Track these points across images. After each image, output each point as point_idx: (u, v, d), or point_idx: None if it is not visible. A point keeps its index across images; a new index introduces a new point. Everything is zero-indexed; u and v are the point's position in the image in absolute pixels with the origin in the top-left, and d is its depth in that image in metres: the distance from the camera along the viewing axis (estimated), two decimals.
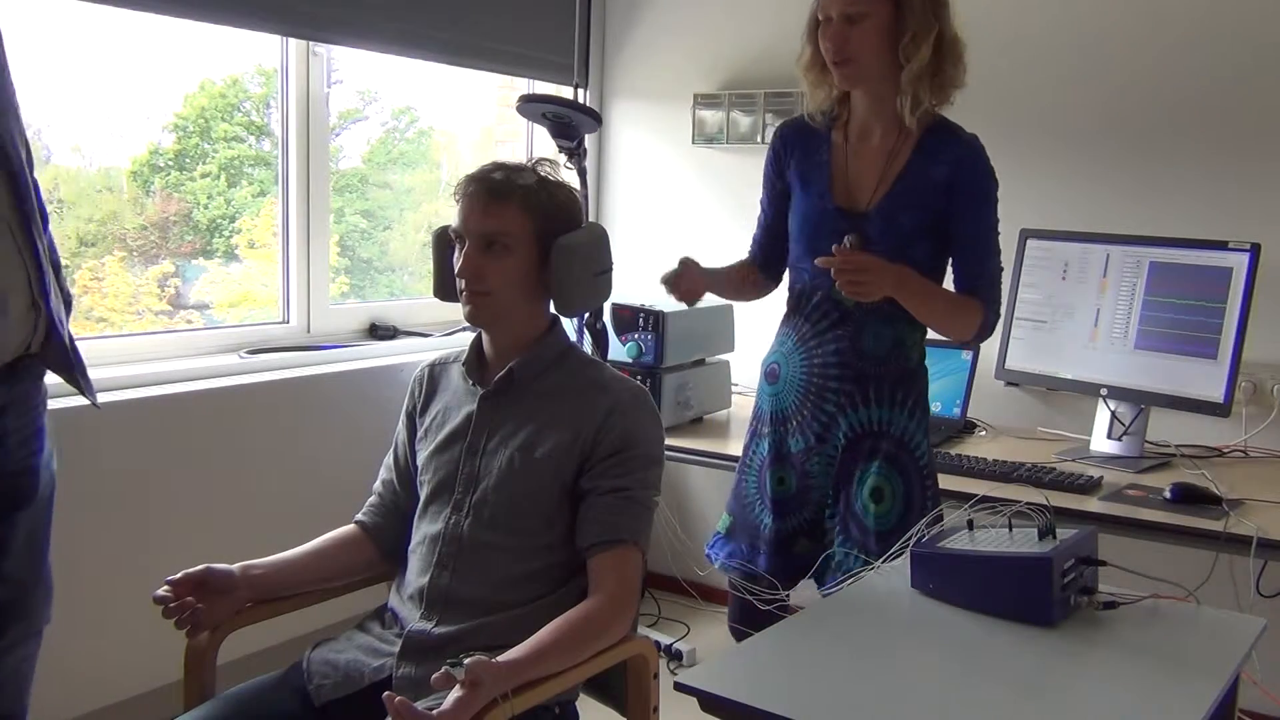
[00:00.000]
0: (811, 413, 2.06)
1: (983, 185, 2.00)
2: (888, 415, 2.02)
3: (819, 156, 2.06)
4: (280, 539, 1.79)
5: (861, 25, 1.92)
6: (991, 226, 2.03)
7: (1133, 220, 2.76)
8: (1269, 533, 2.01)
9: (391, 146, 3.40)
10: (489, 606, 1.61)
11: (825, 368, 2.04)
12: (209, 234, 2.87)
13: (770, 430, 2.11)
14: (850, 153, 2.04)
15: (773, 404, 2.12)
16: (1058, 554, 1.50)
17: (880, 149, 2.01)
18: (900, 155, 1.99)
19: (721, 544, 2.20)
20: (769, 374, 2.14)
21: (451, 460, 1.70)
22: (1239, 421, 2.65)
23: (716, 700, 1.31)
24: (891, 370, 2.02)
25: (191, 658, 1.62)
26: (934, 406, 2.83)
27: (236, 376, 2.61)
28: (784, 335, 2.12)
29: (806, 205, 2.06)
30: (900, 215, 1.97)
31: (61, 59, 2.41)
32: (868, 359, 2.01)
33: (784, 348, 2.11)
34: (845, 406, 2.03)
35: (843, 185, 2.03)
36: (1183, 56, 2.76)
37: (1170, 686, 1.35)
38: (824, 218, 2.02)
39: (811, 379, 2.05)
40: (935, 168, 1.97)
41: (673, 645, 3.16)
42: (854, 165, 2.03)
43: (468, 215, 1.64)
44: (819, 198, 2.04)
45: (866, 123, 2.04)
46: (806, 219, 2.06)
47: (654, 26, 3.49)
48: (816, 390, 2.05)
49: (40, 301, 1.60)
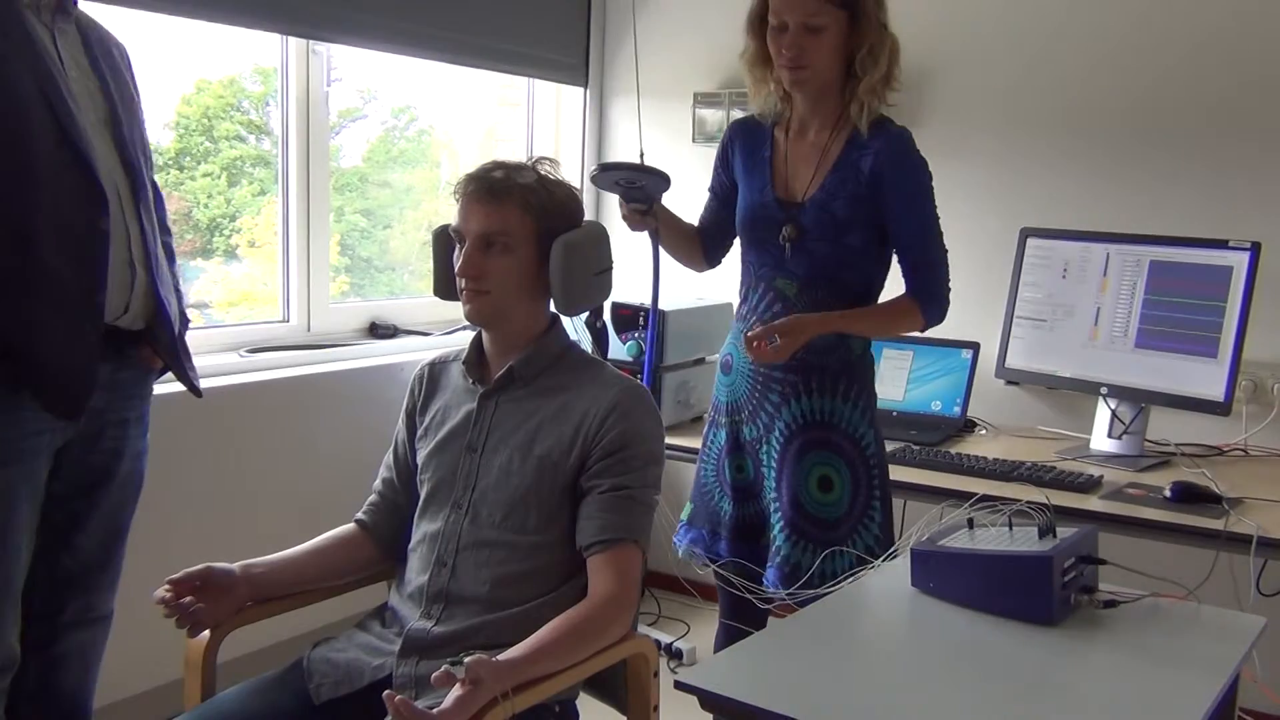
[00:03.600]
0: (758, 403, 2.11)
1: (911, 176, 2.03)
2: (831, 405, 2.07)
3: (762, 153, 2.13)
4: (280, 538, 1.79)
5: (820, 36, 1.96)
6: (927, 216, 2.06)
7: (1133, 219, 2.76)
8: (1269, 531, 2.01)
9: (391, 145, 3.40)
10: (489, 605, 1.61)
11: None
12: (209, 233, 2.87)
13: (727, 420, 2.17)
14: (790, 147, 2.11)
15: (728, 394, 2.18)
16: (1058, 553, 1.50)
17: (815, 143, 2.08)
18: (834, 148, 2.05)
19: (684, 531, 2.27)
20: (723, 365, 2.21)
21: (451, 459, 1.70)
22: (1239, 420, 2.65)
23: (716, 699, 1.31)
24: (834, 361, 2.06)
25: (192, 656, 1.61)
26: (934, 405, 2.85)
27: (236, 375, 2.61)
28: (735, 327, 2.18)
29: (750, 198, 2.13)
30: (832, 205, 2.03)
31: None
32: (811, 350, 2.03)
33: (736, 339, 2.16)
34: (788, 397, 2.07)
35: (782, 178, 2.10)
36: (1183, 56, 2.76)
37: (1170, 685, 1.35)
38: (764, 209, 2.09)
39: (759, 369, 2.10)
40: (863, 159, 2.02)
41: (673, 644, 3.16)
42: (793, 159, 2.10)
43: (467, 214, 1.64)
44: (760, 191, 2.11)
45: (805, 119, 2.10)
46: (749, 211, 2.13)
47: (654, 25, 3.49)
48: (764, 380, 2.10)
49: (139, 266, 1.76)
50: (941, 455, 2.48)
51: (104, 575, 1.87)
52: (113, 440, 1.83)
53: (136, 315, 1.79)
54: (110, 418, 1.81)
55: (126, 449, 1.86)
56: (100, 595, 1.87)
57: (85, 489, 1.81)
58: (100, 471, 1.83)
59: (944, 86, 3.06)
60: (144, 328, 1.82)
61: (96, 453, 1.81)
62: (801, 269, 2.05)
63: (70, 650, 1.84)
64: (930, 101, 3.08)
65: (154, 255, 1.81)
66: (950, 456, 2.47)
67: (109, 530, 1.86)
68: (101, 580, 1.86)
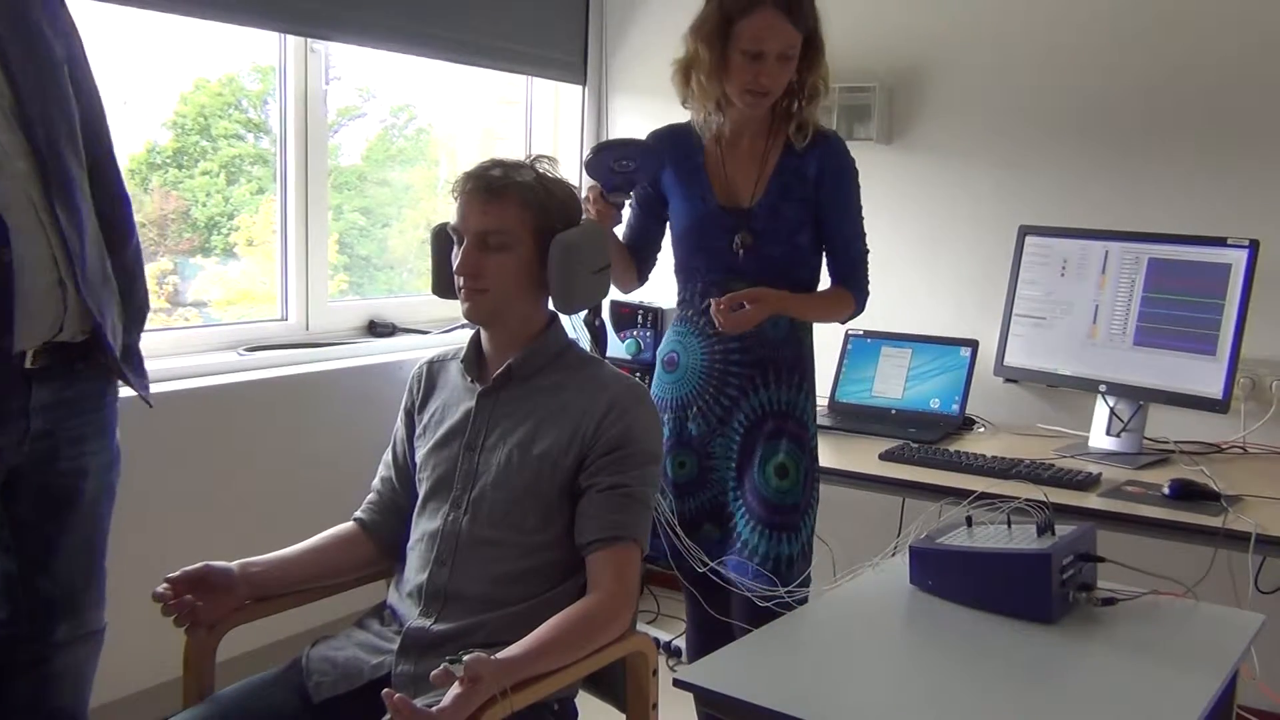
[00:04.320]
0: (713, 397, 2.16)
1: (850, 179, 2.16)
2: (786, 396, 2.15)
3: (694, 160, 2.17)
4: (279, 536, 1.79)
5: (788, 63, 2.03)
6: (859, 216, 2.18)
7: (1131, 216, 2.76)
8: (1267, 529, 2.01)
9: (390, 144, 3.40)
10: (488, 603, 1.61)
11: (727, 354, 2.14)
12: (207, 231, 2.87)
13: (670, 416, 2.20)
14: (725, 157, 2.16)
15: (672, 391, 2.21)
16: (1056, 550, 1.50)
17: (751, 150, 2.14)
18: (772, 155, 2.13)
19: None
20: (667, 363, 2.24)
21: (450, 457, 1.70)
22: (1238, 418, 2.65)
23: (715, 696, 1.31)
24: (789, 354, 2.16)
25: (191, 655, 1.61)
26: (933, 403, 2.85)
27: (235, 374, 2.61)
28: (681, 327, 2.22)
29: (690, 208, 2.17)
30: (781, 207, 2.11)
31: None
32: (768, 344, 2.13)
33: (682, 338, 2.21)
34: (746, 390, 2.14)
35: (722, 185, 2.15)
36: (1183, 53, 2.76)
37: (1169, 682, 1.35)
38: (711, 217, 2.14)
39: (713, 365, 2.15)
40: (806, 164, 2.11)
41: (672, 642, 3.16)
42: (730, 167, 2.15)
43: (466, 212, 1.64)
44: (701, 200, 2.15)
45: (738, 128, 2.14)
46: (693, 220, 2.17)
47: (653, 23, 3.49)
48: (718, 376, 2.15)
49: (69, 282, 1.59)
50: (940, 453, 2.48)
51: (88, 594, 1.76)
52: (71, 460, 1.68)
53: (75, 330, 1.62)
54: (63, 437, 1.66)
55: (90, 466, 1.71)
56: (90, 613, 1.77)
57: (52, 512, 1.69)
58: (65, 493, 1.69)
59: (943, 85, 3.06)
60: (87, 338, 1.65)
61: (55, 475, 1.67)
62: (753, 271, 2.11)
63: (64, 669, 1.75)
64: (929, 100, 3.08)
65: (82, 258, 1.59)
66: (949, 454, 2.47)
67: (85, 551, 1.75)
68: (87, 599, 1.76)
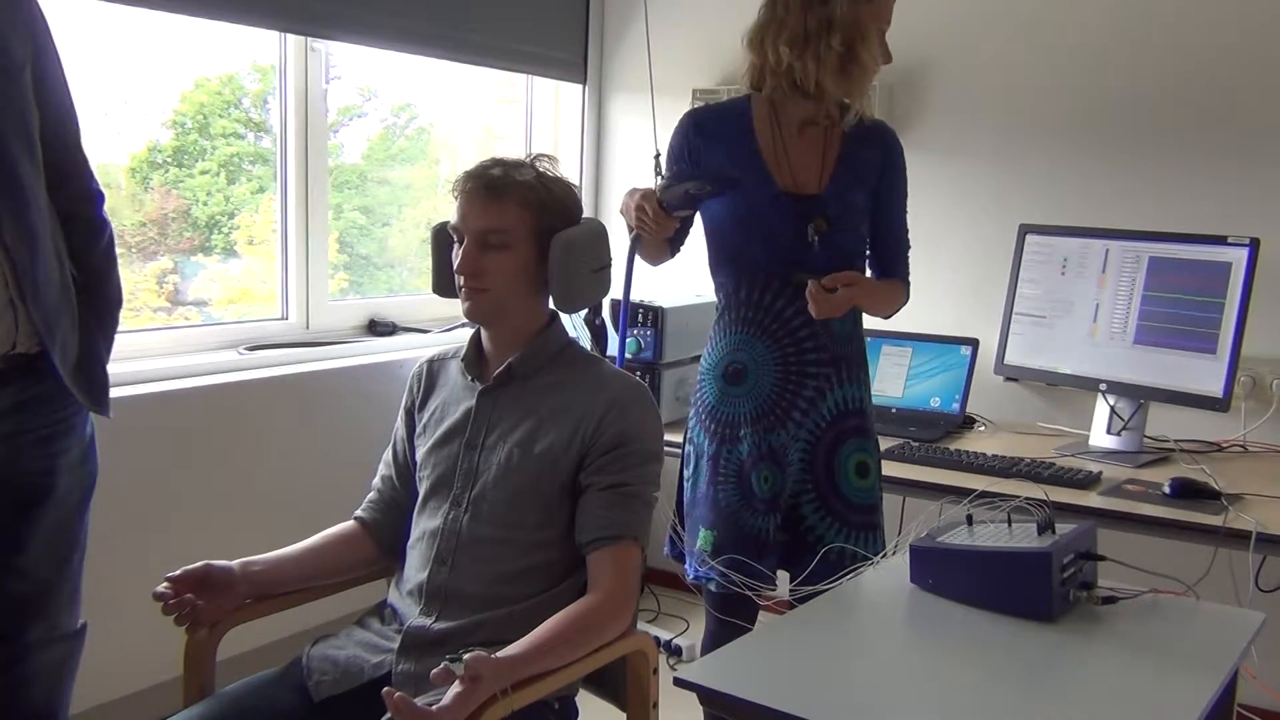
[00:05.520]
0: (791, 400, 2.05)
1: (905, 173, 2.15)
2: (857, 392, 2.11)
3: (749, 145, 2.04)
4: (279, 535, 1.79)
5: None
6: (905, 208, 2.17)
7: (1132, 215, 2.76)
8: (1268, 527, 2.01)
9: (390, 143, 3.40)
10: (488, 602, 1.61)
11: (802, 353, 2.05)
12: (208, 230, 2.87)
13: (749, 430, 2.05)
14: (785, 141, 2.05)
15: (747, 403, 2.06)
16: (1057, 549, 1.50)
17: (812, 137, 2.06)
18: (834, 142, 2.07)
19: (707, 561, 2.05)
20: (731, 375, 2.07)
21: (450, 456, 1.70)
22: (1238, 416, 2.65)
23: (716, 695, 1.31)
24: (855, 350, 2.12)
25: (191, 654, 1.61)
26: (933, 402, 2.85)
27: (235, 373, 2.61)
28: (738, 332, 2.07)
29: (746, 195, 2.03)
30: (849, 195, 2.06)
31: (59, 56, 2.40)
32: (838, 339, 2.07)
33: (745, 343, 2.06)
34: (824, 389, 2.07)
35: (784, 171, 2.04)
36: (1183, 52, 2.76)
37: (1169, 681, 1.35)
38: (774, 203, 2.02)
39: (789, 367, 2.05)
40: (869, 151, 2.08)
41: (672, 641, 3.16)
42: (793, 153, 2.05)
43: (466, 212, 1.64)
44: (762, 185, 2.02)
45: (791, 113, 2.04)
46: (752, 207, 2.03)
47: (652, 21, 3.49)
48: (796, 377, 2.05)
49: (19, 301, 1.55)
50: (940, 452, 2.48)
51: (60, 595, 1.72)
52: (38, 460, 1.65)
53: (30, 345, 1.59)
54: (26, 439, 1.63)
55: (58, 465, 1.68)
56: (62, 615, 1.73)
57: (19, 510, 1.65)
58: (33, 492, 1.66)
59: (943, 84, 3.06)
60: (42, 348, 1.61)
61: (21, 475, 1.64)
62: (824, 260, 2.01)
63: (38, 670, 1.71)
64: (930, 99, 3.08)
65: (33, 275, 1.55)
66: (949, 453, 2.47)
67: (56, 549, 1.71)
68: (59, 600, 1.72)
